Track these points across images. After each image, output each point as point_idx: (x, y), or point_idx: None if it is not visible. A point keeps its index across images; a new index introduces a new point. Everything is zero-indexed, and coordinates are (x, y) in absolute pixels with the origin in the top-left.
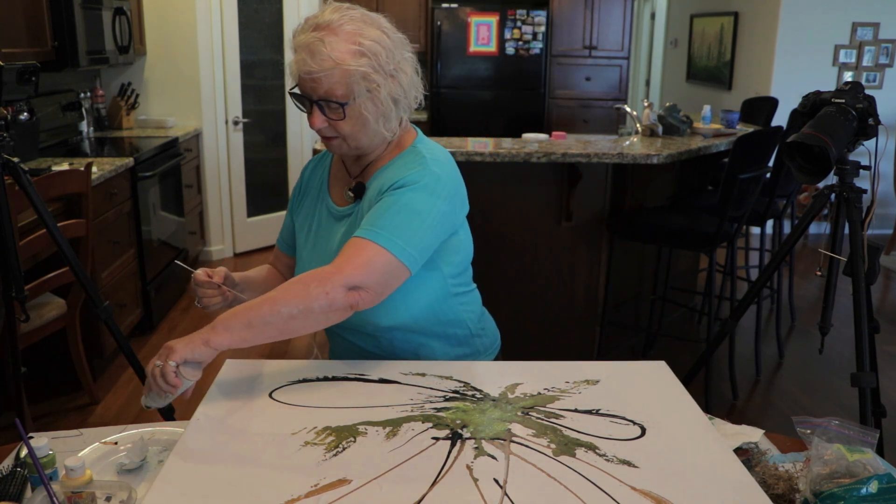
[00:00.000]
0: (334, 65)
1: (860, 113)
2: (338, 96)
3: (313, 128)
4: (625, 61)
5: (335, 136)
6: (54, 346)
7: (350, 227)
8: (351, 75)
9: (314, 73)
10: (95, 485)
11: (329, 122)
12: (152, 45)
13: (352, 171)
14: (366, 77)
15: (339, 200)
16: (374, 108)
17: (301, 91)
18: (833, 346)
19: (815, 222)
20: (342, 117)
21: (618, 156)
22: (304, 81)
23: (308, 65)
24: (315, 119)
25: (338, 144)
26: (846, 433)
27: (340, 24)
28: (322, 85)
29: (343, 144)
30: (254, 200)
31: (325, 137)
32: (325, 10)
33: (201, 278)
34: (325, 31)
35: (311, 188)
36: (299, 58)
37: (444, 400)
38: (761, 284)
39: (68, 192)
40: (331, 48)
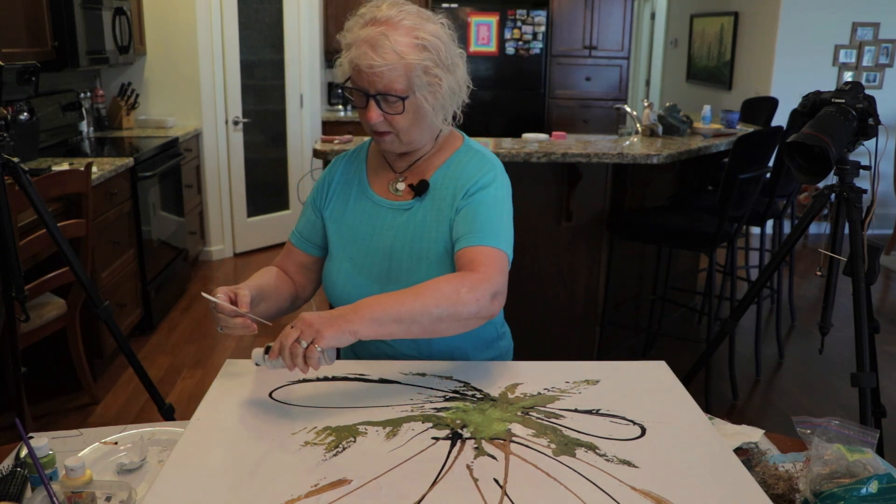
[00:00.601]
0: (398, 58)
1: (860, 113)
2: (398, 90)
3: (370, 122)
4: (625, 61)
5: (388, 131)
6: (54, 346)
7: (414, 222)
8: (413, 69)
9: (377, 67)
10: (95, 485)
11: (385, 116)
12: (152, 45)
13: (397, 166)
14: (427, 71)
15: (386, 194)
16: (434, 101)
17: (356, 85)
18: (833, 346)
19: (815, 222)
20: (401, 111)
21: (618, 156)
22: (361, 75)
23: (371, 58)
24: (372, 113)
25: (390, 140)
26: (846, 433)
27: (400, 19)
28: (383, 79)
29: (395, 140)
30: (254, 200)
31: (377, 133)
32: (380, 5)
33: (227, 308)
34: (384, 25)
35: (342, 183)
36: (360, 52)
37: (444, 400)
38: (761, 284)
39: (68, 192)
40: (394, 42)
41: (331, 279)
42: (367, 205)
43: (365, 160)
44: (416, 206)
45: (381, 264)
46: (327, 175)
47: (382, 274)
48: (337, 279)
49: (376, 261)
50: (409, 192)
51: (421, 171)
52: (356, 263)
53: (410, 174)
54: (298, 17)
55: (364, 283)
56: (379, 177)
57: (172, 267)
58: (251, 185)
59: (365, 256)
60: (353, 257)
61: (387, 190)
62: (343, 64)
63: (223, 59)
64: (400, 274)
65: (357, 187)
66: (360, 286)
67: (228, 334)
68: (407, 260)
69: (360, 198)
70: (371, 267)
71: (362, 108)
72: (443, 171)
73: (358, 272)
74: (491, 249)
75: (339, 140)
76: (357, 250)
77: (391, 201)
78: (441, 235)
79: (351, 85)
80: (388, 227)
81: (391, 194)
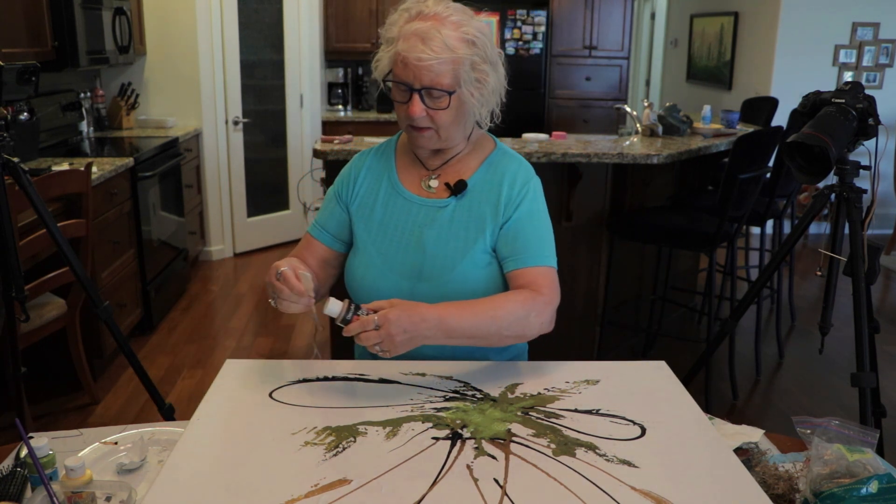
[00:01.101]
0: (449, 52)
1: (860, 113)
2: (445, 85)
3: (412, 116)
4: (625, 61)
5: (429, 126)
6: (54, 346)
7: (449, 220)
8: (461, 64)
9: (426, 60)
10: (95, 485)
11: (427, 111)
12: (152, 45)
13: (429, 164)
14: (475, 66)
15: (418, 191)
16: (479, 96)
17: (399, 79)
18: (833, 346)
19: (815, 222)
20: (445, 106)
21: (618, 156)
22: (407, 69)
23: (421, 51)
24: (416, 107)
25: (429, 136)
26: (846, 433)
27: (448, 14)
28: (430, 73)
29: (434, 137)
30: (254, 200)
31: (416, 128)
32: (425, 0)
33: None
34: (432, 20)
35: (370, 178)
36: (409, 45)
37: (444, 400)
38: (761, 284)
39: (68, 192)
40: (444, 36)
41: (359, 273)
42: (399, 200)
43: (394, 156)
44: (451, 204)
45: (414, 261)
46: (353, 169)
47: (414, 270)
48: (366, 273)
49: (408, 257)
50: (443, 190)
51: (456, 170)
52: (387, 259)
53: (444, 172)
54: (298, 17)
55: (395, 278)
56: (410, 173)
57: (172, 267)
58: (251, 185)
59: (396, 252)
60: (383, 252)
61: (419, 186)
62: (382, 59)
63: (223, 59)
64: (433, 271)
65: (387, 182)
66: (390, 281)
67: (282, 310)
68: (441, 258)
69: (390, 193)
70: (402, 263)
71: (403, 102)
72: (481, 174)
73: (389, 268)
74: (547, 269)
75: (339, 140)
76: (388, 246)
77: (424, 198)
78: (478, 236)
79: (390, 79)
80: (421, 224)
81: (423, 191)
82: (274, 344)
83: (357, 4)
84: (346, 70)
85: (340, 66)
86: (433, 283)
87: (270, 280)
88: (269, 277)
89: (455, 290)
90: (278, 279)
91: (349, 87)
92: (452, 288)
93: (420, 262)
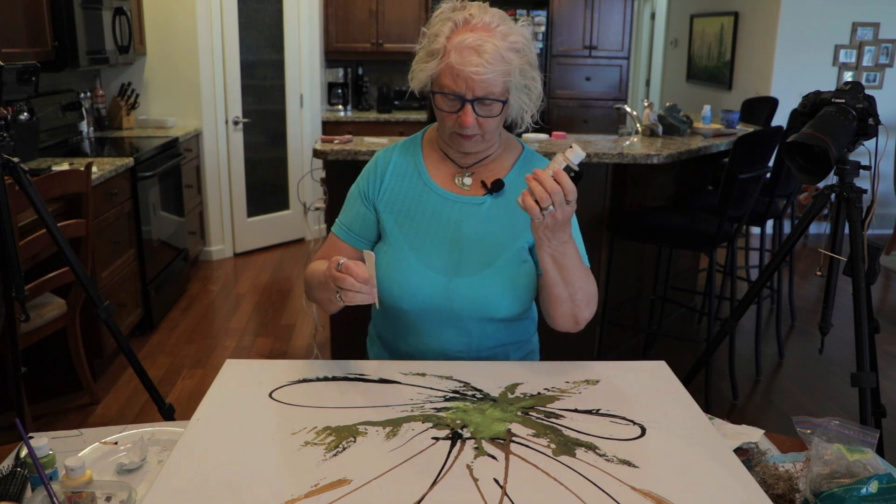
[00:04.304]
0: (504, 64)
1: (860, 113)
2: (497, 94)
3: (465, 126)
4: (625, 61)
5: (476, 133)
6: (54, 346)
7: (486, 217)
8: (511, 73)
9: (484, 74)
10: (95, 485)
11: (478, 119)
12: (152, 45)
13: (461, 161)
14: (523, 72)
15: (451, 187)
16: (529, 102)
17: (450, 90)
18: (833, 346)
19: (815, 222)
20: (497, 114)
21: (618, 156)
22: (459, 80)
23: (478, 64)
24: (469, 118)
25: (476, 141)
26: (846, 433)
27: (496, 24)
28: (484, 84)
29: (480, 141)
30: (254, 200)
31: (465, 136)
32: (469, 8)
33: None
34: (482, 30)
35: (397, 175)
36: (463, 58)
37: (444, 400)
38: (761, 284)
39: (68, 192)
40: (498, 47)
41: (391, 268)
42: (431, 196)
43: (421, 153)
44: (487, 201)
45: (451, 257)
46: (379, 166)
47: (451, 266)
48: (399, 269)
49: (443, 253)
50: (478, 188)
51: (490, 169)
52: (422, 255)
53: (478, 170)
54: (298, 17)
55: (430, 274)
56: (440, 170)
57: (172, 267)
58: (251, 185)
59: (431, 247)
60: (417, 248)
61: (451, 183)
62: (426, 69)
63: (223, 59)
64: (471, 267)
65: (416, 179)
66: (425, 277)
67: (346, 302)
68: (479, 254)
69: (420, 189)
70: (438, 258)
71: (452, 112)
72: (516, 173)
73: (424, 263)
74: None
75: (339, 140)
76: (422, 241)
77: (458, 195)
78: (517, 233)
79: (438, 90)
80: (456, 220)
81: (456, 187)
82: (274, 344)
83: (357, 4)
84: (346, 70)
85: (340, 66)
86: (470, 280)
87: (331, 273)
88: (330, 271)
89: (491, 287)
90: (339, 270)
91: (349, 87)
92: (488, 285)
93: (457, 258)
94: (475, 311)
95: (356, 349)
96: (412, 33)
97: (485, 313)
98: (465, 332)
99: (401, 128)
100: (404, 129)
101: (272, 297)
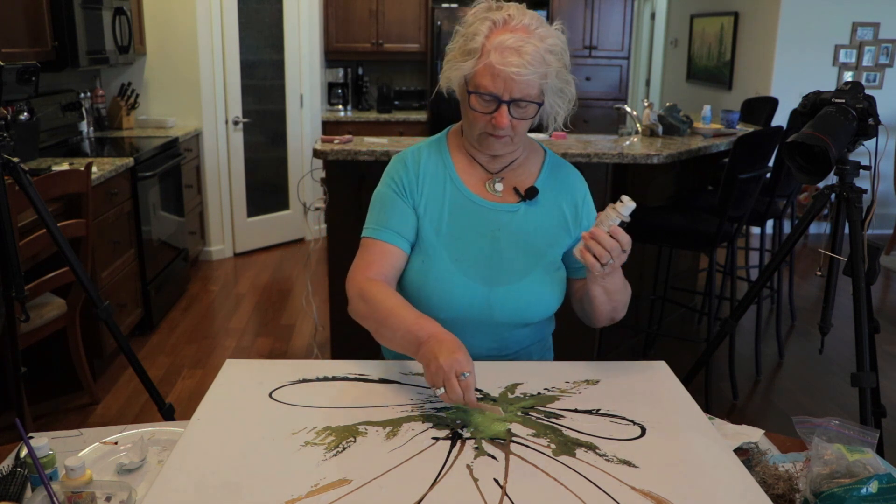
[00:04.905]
0: (544, 66)
1: (860, 113)
2: (533, 96)
3: (499, 127)
4: (625, 61)
5: (508, 134)
6: (54, 346)
7: (522, 224)
8: (548, 76)
9: (526, 75)
10: (95, 485)
11: (511, 121)
12: (152, 45)
13: (490, 166)
14: (559, 75)
15: (484, 194)
16: (562, 105)
17: (487, 91)
18: (833, 346)
19: (815, 222)
20: (531, 116)
21: (618, 156)
22: (497, 81)
23: (519, 65)
24: (504, 119)
25: (505, 142)
26: (846, 433)
27: (535, 27)
28: (523, 85)
29: (509, 143)
30: (254, 200)
31: (497, 136)
32: (507, 9)
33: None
34: (521, 31)
35: (433, 177)
36: (503, 59)
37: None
38: (761, 284)
39: (68, 192)
40: (536, 48)
41: (430, 278)
42: (466, 203)
43: (450, 157)
44: (522, 209)
45: (490, 266)
46: (414, 166)
47: (490, 276)
48: (439, 279)
49: (481, 262)
50: (511, 194)
51: (519, 174)
52: (461, 264)
53: (507, 175)
54: (298, 17)
55: (470, 284)
56: (471, 176)
57: (172, 267)
58: (251, 185)
59: (470, 257)
60: (456, 258)
61: (483, 189)
62: (461, 68)
63: (223, 59)
64: (510, 276)
65: (450, 184)
66: (466, 287)
67: (441, 397)
68: (518, 262)
69: (455, 196)
70: (477, 268)
71: (486, 113)
72: (545, 178)
73: (463, 273)
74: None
75: (339, 140)
76: (462, 251)
77: (493, 202)
78: (555, 240)
79: (474, 90)
80: (494, 229)
81: (489, 194)
82: (274, 344)
83: (357, 4)
84: (346, 70)
85: (340, 66)
86: (509, 288)
87: (450, 378)
88: (450, 373)
89: (529, 294)
90: (461, 378)
91: (349, 87)
92: (527, 293)
93: (497, 267)
94: (512, 318)
95: (356, 349)
96: (412, 33)
97: (521, 319)
98: (499, 337)
99: (401, 128)
100: (404, 129)
101: (272, 297)
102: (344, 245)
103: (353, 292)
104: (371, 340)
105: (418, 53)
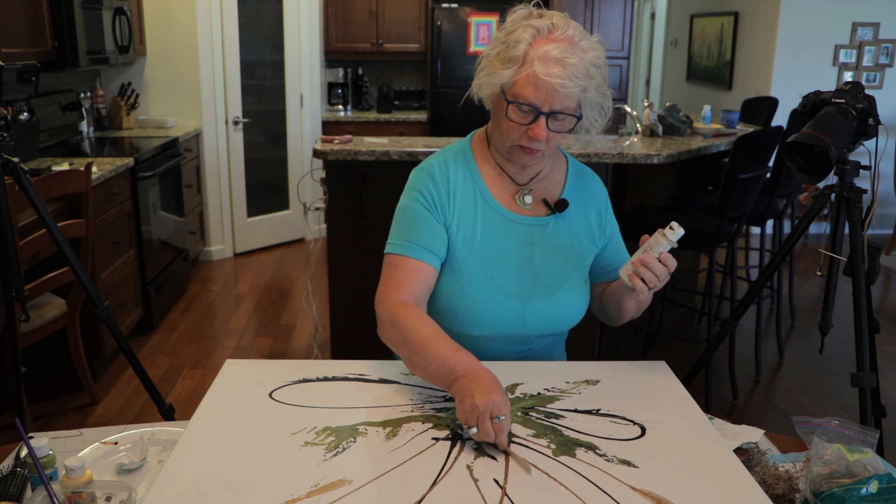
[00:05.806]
0: (588, 80)
1: (860, 113)
2: (572, 109)
3: (537, 139)
4: (625, 61)
5: (542, 147)
6: (54, 346)
7: (553, 237)
8: (589, 89)
9: (570, 87)
10: (95, 485)
11: (547, 133)
12: (152, 45)
13: (518, 178)
14: (599, 89)
15: (514, 207)
16: (599, 119)
17: (526, 101)
18: (833, 346)
19: (815, 222)
20: (568, 129)
21: (618, 156)
22: (539, 91)
23: (564, 77)
24: (541, 130)
25: (538, 156)
26: (846, 433)
27: (579, 39)
28: (564, 97)
29: (542, 156)
30: (254, 200)
31: (530, 149)
32: (550, 17)
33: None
34: (565, 42)
35: (463, 192)
36: (548, 70)
37: (444, 400)
38: (761, 284)
39: (68, 192)
40: (581, 60)
41: (465, 297)
42: (496, 218)
43: (477, 167)
44: (552, 221)
45: (523, 282)
46: (443, 181)
47: (524, 291)
48: (475, 297)
49: (516, 278)
50: (540, 207)
51: (545, 185)
52: (495, 282)
53: (535, 186)
54: (298, 17)
55: (506, 301)
56: (499, 188)
57: (172, 267)
58: (251, 185)
59: (504, 274)
60: (491, 276)
61: (513, 202)
62: (501, 76)
63: (223, 59)
64: (545, 291)
65: (480, 199)
66: (501, 304)
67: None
68: (552, 277)
69: (486, 210)
70: (512, 284)
71: (523, 124)
72: (571, 187)
73: (498, 290)
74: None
75: (339, 140)
76: (496, 269)
77: (523, 216)
78: (585, 249)
79: (512, 99)
80: (526, 244)
81: (519, 208)
82: (274, 344)
83: (357, 4)
84: (346, 70)
85: (340, 66)
86: (544, 304)
87: (484, 419)
88: (486, 413)
89: (562, 309)
90: (495, 421)
91: (349, 87)
92: (561, 306)
93: (531, 283)
94: (545, 331)
95: (356, 349)
96: (412, 33)
97: (554, 331)
98: (528, 345)
99: (401, 128)
100: (404, 129)
101: (272, 297)
102: (344, 245)
103: (385, 316)
104: (371, 341)
105: (418, 53)
